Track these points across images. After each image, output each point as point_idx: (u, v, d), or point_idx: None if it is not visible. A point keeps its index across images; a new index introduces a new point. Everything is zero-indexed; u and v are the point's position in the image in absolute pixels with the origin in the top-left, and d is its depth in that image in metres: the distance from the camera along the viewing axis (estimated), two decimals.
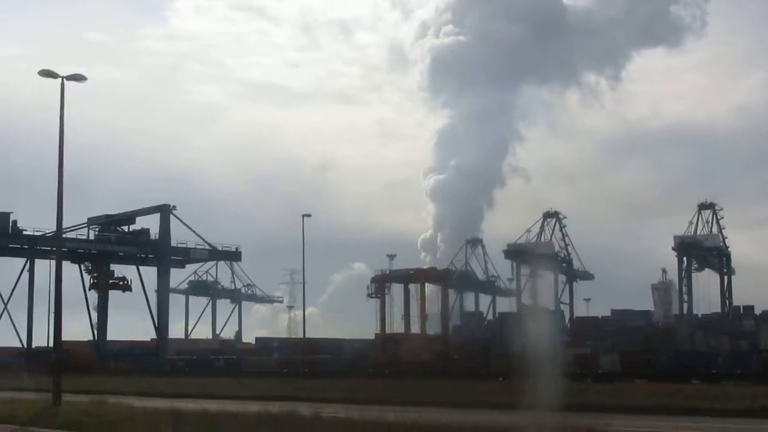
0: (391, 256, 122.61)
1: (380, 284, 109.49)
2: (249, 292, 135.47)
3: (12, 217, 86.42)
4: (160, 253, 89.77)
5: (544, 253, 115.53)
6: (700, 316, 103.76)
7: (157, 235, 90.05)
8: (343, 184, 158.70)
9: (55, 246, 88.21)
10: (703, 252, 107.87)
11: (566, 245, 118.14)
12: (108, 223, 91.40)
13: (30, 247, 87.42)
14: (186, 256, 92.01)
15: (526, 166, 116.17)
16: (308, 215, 71.64)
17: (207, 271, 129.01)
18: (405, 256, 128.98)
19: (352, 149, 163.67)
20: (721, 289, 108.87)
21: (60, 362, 29.51)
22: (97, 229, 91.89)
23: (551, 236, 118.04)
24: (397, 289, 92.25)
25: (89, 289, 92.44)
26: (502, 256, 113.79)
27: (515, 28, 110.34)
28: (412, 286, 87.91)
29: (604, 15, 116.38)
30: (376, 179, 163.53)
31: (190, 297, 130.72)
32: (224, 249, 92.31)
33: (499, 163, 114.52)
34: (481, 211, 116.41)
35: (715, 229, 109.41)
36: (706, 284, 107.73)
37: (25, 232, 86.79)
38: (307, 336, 78.92)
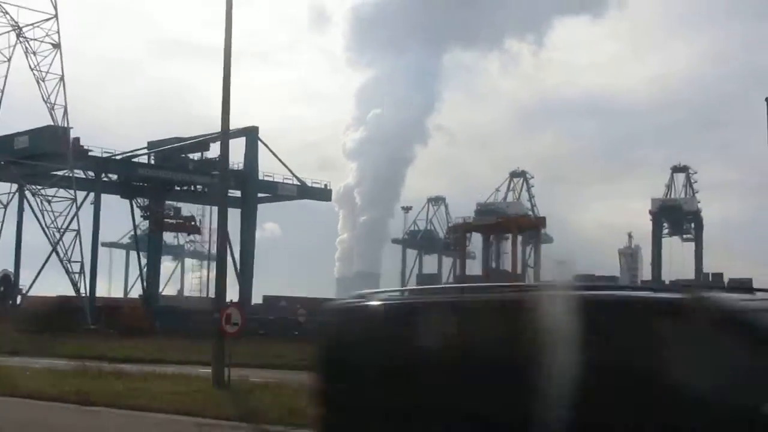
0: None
1: (461, 234, 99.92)
2: (192, 249, 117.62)
3: (72, 134, 65.86)
4: (245, 187, 73.37)
5: (516, 214, 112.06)
6: (667, 282, 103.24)
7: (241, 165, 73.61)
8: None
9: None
10: (680, 216, 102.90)
11: (533, 206, 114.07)
12: (177, 150, 73.02)
13: (96, 176, 67.57)
14: (274, 192, 75.83)
15: (449, 126, 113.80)
16: None
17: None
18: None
19: (268, 109, 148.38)
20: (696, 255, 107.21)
21: None
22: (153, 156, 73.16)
23: (519, 196, 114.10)
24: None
25: (148, 231, 73.71)
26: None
27: None
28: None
29: None
30: (294, 139, 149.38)
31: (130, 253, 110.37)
32: (314, 185, 77.61)
33: (420, 120, 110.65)
34: (403, 167, 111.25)
35: (686, 194, 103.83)
36: (680, 251, 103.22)
37: (91, 153, 66.88)
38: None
